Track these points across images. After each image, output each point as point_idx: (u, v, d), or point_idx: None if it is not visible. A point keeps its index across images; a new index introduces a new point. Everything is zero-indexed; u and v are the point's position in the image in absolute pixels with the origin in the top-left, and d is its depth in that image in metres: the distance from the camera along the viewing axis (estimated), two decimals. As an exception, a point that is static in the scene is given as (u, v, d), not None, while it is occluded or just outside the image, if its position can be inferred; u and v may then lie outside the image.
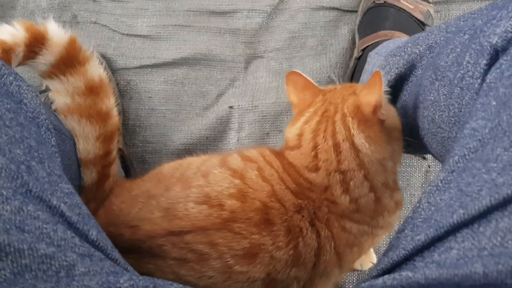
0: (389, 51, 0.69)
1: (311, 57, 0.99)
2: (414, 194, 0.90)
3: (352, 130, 0.57)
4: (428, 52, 0.57)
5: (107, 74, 0.93)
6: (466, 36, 0.48)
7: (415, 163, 0.91)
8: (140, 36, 1.00)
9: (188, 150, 0.95)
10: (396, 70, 0.61)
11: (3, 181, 0.34)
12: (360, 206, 0.57)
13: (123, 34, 0.99)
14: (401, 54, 0.63)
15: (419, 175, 0.91)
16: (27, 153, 0.38)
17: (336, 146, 0.57)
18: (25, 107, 0.42)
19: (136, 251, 0.54)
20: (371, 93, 0.55)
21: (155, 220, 0.54)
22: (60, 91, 0.61)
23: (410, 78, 0.61)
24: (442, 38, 0.55)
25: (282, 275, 0.53)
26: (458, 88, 0.46)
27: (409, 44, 0.62)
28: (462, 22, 0.51)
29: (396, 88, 0.63)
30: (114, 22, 1.00)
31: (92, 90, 0.62)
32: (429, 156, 0.91)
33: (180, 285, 0.39)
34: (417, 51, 0.59)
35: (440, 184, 0.39)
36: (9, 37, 0.53)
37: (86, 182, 0.62)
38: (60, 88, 0.61)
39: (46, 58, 0.58)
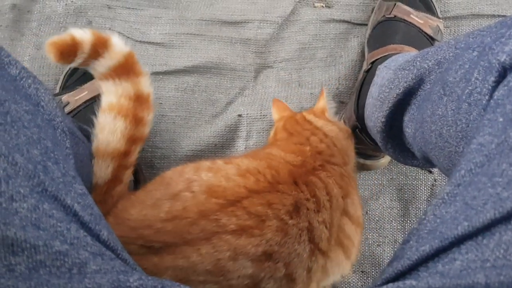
0: (398, 65, 0.70)
1: (320, 68, 1.00)
2: (420, 208, 0.91)
3: (310, 119, 0.80)
4: (437, 67, 0.58)
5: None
6: (475, 53, 0.49)
7: (421, 177, 0.92)
8: (153, 43, 1.01)
9: (196, 157, 0.96)
10: (405, 84, 0.62)
11: (20, 180, 0.35)
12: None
13: (136, 41, 1.01)
14: (410, 68, 0.63)
15: (425, 188, 0.91)
16: (44, 154, 0.39)
17: (299, 124, 0.79)
18: (42, 110, 0.43)
19: (180, 243, 0.55)
20: (319, 103, 0.85)
21: (202, 201, 0.57)
22: (111, 91, 0.68)
23: (418, 92, 0.62)
24: (451, 54, 0.56)
25: (316, 221, 0.60)
26: (466, 104, 0.47)
27: (418, 59, 0.63)
28: (471, 39, 0.52)
29: (404, 101, 0.64)
30: (128, 29, 1.02)
31: (139, 99, 0.68)
32: (435, 170, 0.92)
33: (186, 287, 0.40)
34: (426, 66, 0.60)
35: (446, 197, 0.40)
36: (77, 35, 0.62)
37: (99, 178, 0.63)
38: (112, 89, 0.68)
39: (106, 62, 0.66)
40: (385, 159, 0.90)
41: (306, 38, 1.01)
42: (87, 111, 0.87)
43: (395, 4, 0.92)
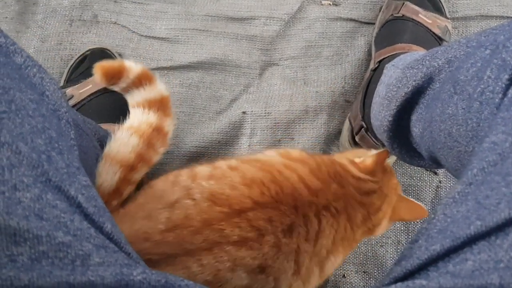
0: (406, 64, 0.69)
1: (326, 66, 0.99)
2: (424, 209, 0.90)
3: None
4: (447, 66, 0.57)
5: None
6: (488, 51, 0.48)
7: (426, 178, 0.91)
8: (158, 38, 1.01)
9: (199, 153, 0.95)
10: (414, 83, 0.62)
11: (24, 169, 0.35)
12: None
13: (141, 35, 1.01)
14: (418, 67, 0.63)
15: (430, 190, 0.91)
16: (48, 144, 0.38)
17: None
18: (47, 99, 0.42)
19: (180, 253, 0.54)
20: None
21: (205, 209, 0.56)
22: (136, 117, 0.73)
23: (427, 91, 0.61)
24: (462, 53, 0.55)
25: (303, 247, 0.59)
26: (477, 103, 0.47)
27: (427, 58, 0.62)
28: (483, 37, 0.52)
29: (412, 100, 0.64)
30: (133, 23, 1.01)
31: (158, 131, 0.72)
32: (440, 171, 0.91)
33: (191, 282, 0.39)
34: (436, 65, 0.59)
35: (457, 196, 0.39)
36: (127, 64, 0.72)
37: (104, 181, 0.62)
38: (138, 115, 0.73)
39: (145, 94, 0.74)
40: (390, 160, 0.89)
41: (313, 36, 1.01)
42: (91, 105, 0.86)
43: (404, 3, 0.91)
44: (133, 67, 0.72)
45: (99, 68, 0.71)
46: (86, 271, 0.33)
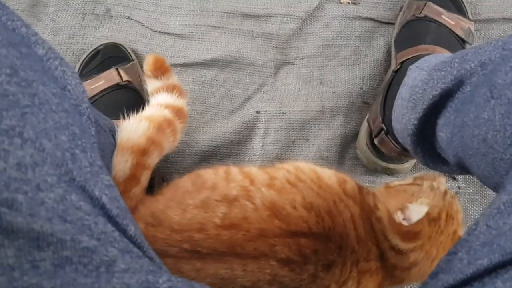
0: (432, 66, 0.67)
1: (344, 66, 0.97)
2: (442, 215, 0.87)
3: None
4: (480, 69, 0.55)
5: (139, 70, 0.92)
6: None
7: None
8: (172, 34, 0.99)
9: (211, 152, 0.93)
10: (443, 85, 0.59)
11: (48, 167, 0.33)
12: None
13: (155, 31, 0.99)
14: (447, 69, 0.60)
15: (448, 195, 0.88)
16: (72, 141, 0.36)
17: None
18: (69, 94, 0.40)
19: (229, 253, 0.54)
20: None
21: (265, 218, 0.55)
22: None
23: (457, 95, 0.59)
24: (498, 55, 0.53)
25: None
26: None
27: (457, 60, 0.60)
28: None
29: (439, 104, 0.61)
30: (147, 18, 0.99)
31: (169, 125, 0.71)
32: (459, 177, 0.89)
33: None
34: (468, 67, 0.57)
35: (502, 207, 0.37)
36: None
37: (118, 171, 0.61)
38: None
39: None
40: (409, 164, 0.87)
41: (330, 35, 0.98)
42: (104, 101, 0.84)
43: (426, 3, 0.88)
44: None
45: (152, 57, 0.79)
46: (111, 279, 0.31)
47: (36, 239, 0.30)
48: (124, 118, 0.81)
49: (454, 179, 0.89)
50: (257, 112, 0.95)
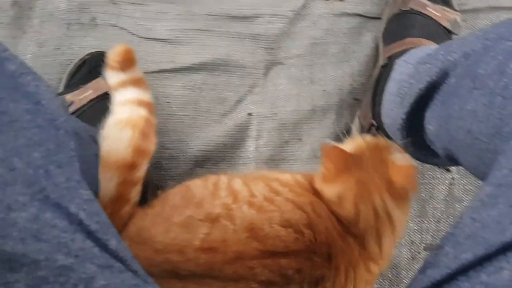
0: (418, 59, 0.66)
1: (333, 64, 0.96)
2: (437, 207, 0.87)
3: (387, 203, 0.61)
4: (463, 60, 0.55)
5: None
6: (510, 43, 0.45)
7: (438, 175, 0.88)
8: (159, 40, 0.98)
9: (205, 157, 0.93)
10: (428, 78, 0.59)
11: (19, 187, 0.32)
12: None
13: (142, 37, 0.98)
14: (433, 62, 0.60)
15: (443, 187, 0.88)
16: (46, 157, 0.36)
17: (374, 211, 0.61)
18: (43, 108, 0.40)
19: (207, 275, 0.53)
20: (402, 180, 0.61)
21: (243, 240, 0.54)
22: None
23: (442, 87, 0.58)
24: (480, 46, 0.52)
25: None
26: (500, 98, 0.44)
27: (441, 52, 0.60)
28: (503, 29, 0.49)
29: (426, 97, 0.61)
30: (133, 25, 0.99)
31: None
32: (453, 169, 0.88)
33: None
34: (451, 59, 0.56)
35: (486, 199, 0.37)
36: None
37: (102, 190, 0.59)
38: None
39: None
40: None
41: (318, 33, 0.98)
42: (92, 111, 0.84)
43: (411, -4, 0.88)
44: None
45: (122, 47, 0.73)
46: None
47: (8, 261, 0.30)
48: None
49: (448, 170, 0.88)
50: (249, 114, 0.95)
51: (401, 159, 0.63)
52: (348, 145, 0.67)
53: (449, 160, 0.61)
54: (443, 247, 0.38)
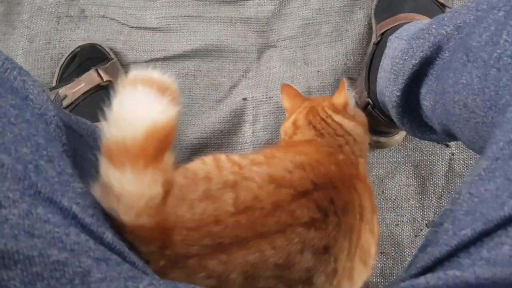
0: (411, 34, 0.65)
1: (326, 44, 0.95)
2: (438, 184, 0.87)
3: (331, 114, 0.74)
4: (456, 33, 0.54)
5: (119, 69, 0.91)
6: (501, 13, 0.45)
7: (437, 151, 0.88)
8: (149, 28, 0.97)
9: (202, 144, 0.92)
10: (421, 54, 0.58)
11: (9, 183, 0.32)
12: None
13: (132, 27, 0.97)
14: (425, 37, 0.59)
15: (443, 163, 0.88)
16: (35, 152, 0.35)
17: (323, 121, 0.73)
18: (31, 103, 0.39)
19: (252, 236, 0.52)
20: (340, 97, 0.75)
21: (272, 191, 0.55)
22: None
23: (436, 62, 0.58)
24: (472, 17, 0.51)
25: (356, 225, 0.60)
26: (494, 70, 0.43)
27: (434, 26, 0.59)
28: None
29: (420, 72, 0.60)
30: (122, 15, 0.98)
31: None
32: (452, 143, 0.88)
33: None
34: (444, 32, 0.56)
35: (483, 173, 0.36)
36: None
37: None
38: None
39: None
40: (400, 136, 0.86)
41: (309, 13, 0.97)
42: (86, 104, 0.83)
43: (402, -30, 0.87)
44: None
45: None
46: None
47: (1, 258, 0.29)
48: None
49: (447, 146, 0.88)
50: (244, 99, 0.94)
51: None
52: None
53: (446, 136, 0.60)
54: (442, 223, 0.38)
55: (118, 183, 0.40)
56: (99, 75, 0.87)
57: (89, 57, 0.90)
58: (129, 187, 0.40)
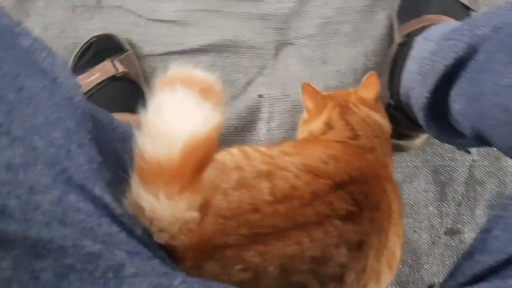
0: (440, 35, 0.64)
1: (346, 44, 0.93)
2: (457, 190, 0.85)
3: (367, 112, 0.70)
4: (494, 34, 0.52)
5: (135, 60, 0.89)
6: None
7: (458, 158, 0.86)
8: (166, 21, 0.95)
9: (216, 141, 0.90)
10: (454, 55, 0.56)
11: (41, 167, 0.30)
12: None
13: (148, 19, 0.95)
14: (458, 38, 0.57)
15: (463, 170, 0.85)
16: (66, 136, 0.33)
17: (363, 121, 0.68)
18: (60, 86, 0.37)
19: (290, 226, 0.50)
20: (371, 90, 0.72)
21: (311, 180, 0.53)
22: None
23: (470, 63, 0.56)
24: None
25: (385, 223, 0.58)
26: None
27: (467, 27, 0.57)
28: None
29: (451, 74, 0.58)
30: (139, 6, 0.96)
31: None
32: (473, 150, 0.86)
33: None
34: (480, 33, 0.54)
35: None
36: None
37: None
38: None
39: None
40: (420, 140, 0.84)
41: (330, 11, 0.95)
42: (100, 94, 0.81)
43: (427, -29, 0.85)
44: None
45: None
46: (120, 285, 0.29)
47: (34, 247, 0.28)
48: (126, 111, 0.77)
49: (468, 152, 0.86)
50: (260, 96, 0.92)
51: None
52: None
53: (477, 141, 0.58)
54: (491, 230, 0.36)
55: (150, 207, 0.36)
56: (114, 66, 0.85)
57: (104, 47, 0.88)
58: (162, 213, 0.37)
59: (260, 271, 0.47)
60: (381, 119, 0.70)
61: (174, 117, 0.36)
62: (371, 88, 0.72)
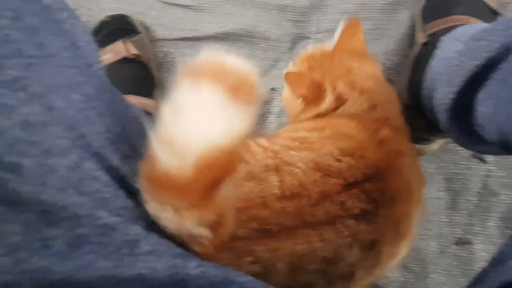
0: (470, 36, 0.61)
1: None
2: (470, 200, 0.82)
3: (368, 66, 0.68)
4: None
5: (147, 44, 0.86)
6: None
7: (473, 166, 0.83)
8: (182, 6, 0.93)
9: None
10: (487, 55, 0.53)
11: (59, 129, 0.27)
12: None
13: (164, 2, 0.93)
14: (490, 38, 0.55)
15: (477, 179, 0.83)
16: (86, 101, 0.31)
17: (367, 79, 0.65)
18: (80, 51, 0.35)
19: (300, 225, 0.48)
20: (357, 39, 0.70)
21: (319, 179, 0.50)
22: None
23: (501, 65, 0.53)
24: None
25: (403, 214, 0.55)
26: None
27: (500, 27, 0.54)
28: None
29: (480, 76, 0.56)
30: (155, -11, 0.93)
31: None
32: (490, 160, 0.83)
33: (249, 277, 0.34)
34: None
35: None
36: None
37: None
38: None
39: None
40: (436, 145, 0.81)
41: (351, 7, 0.92)
42: (111, 75, 0.78)
43: (456, -28, 0.82)
44: None
45: None
46: (134, 262, 0.26)
47: (46, 213, 0.25)
48: (136, 94, 0.75)
49: (483, 161, 0.83)
50: (272, 89, 0.90)
51: None
52: (298, 66, 0.70)
53: (502, 147, 0.55)
54: None
55: (156, 215, 0.32)
56: (126, 47, 0.82)
57: (117, 28, 0.86)
58: (168, 224, 0.33)
59: (269, 267, 0.45)
60: (378, 69, 0.69)
61: (192, 123, 0.31)
62: (357, 36, 0.69)
